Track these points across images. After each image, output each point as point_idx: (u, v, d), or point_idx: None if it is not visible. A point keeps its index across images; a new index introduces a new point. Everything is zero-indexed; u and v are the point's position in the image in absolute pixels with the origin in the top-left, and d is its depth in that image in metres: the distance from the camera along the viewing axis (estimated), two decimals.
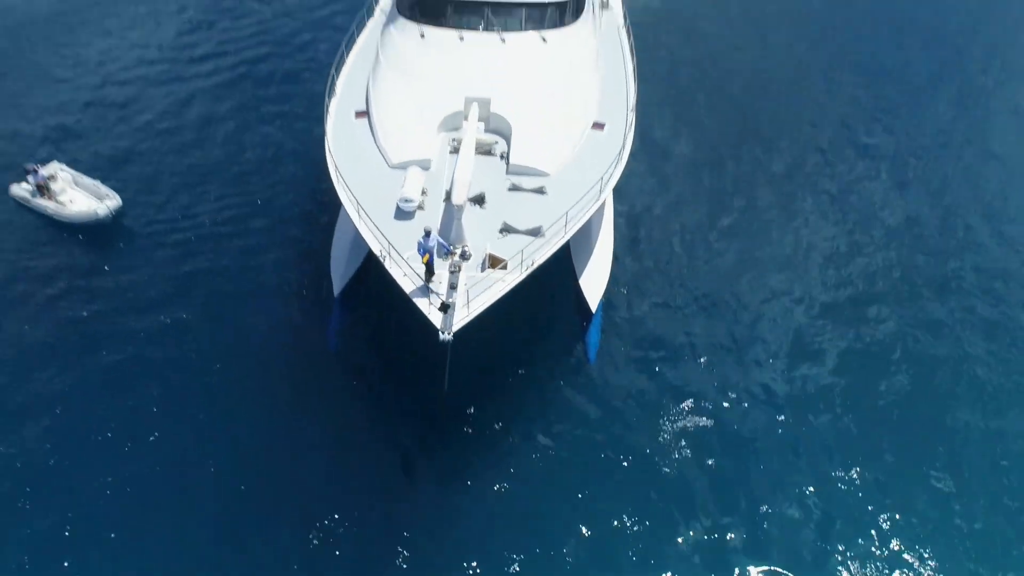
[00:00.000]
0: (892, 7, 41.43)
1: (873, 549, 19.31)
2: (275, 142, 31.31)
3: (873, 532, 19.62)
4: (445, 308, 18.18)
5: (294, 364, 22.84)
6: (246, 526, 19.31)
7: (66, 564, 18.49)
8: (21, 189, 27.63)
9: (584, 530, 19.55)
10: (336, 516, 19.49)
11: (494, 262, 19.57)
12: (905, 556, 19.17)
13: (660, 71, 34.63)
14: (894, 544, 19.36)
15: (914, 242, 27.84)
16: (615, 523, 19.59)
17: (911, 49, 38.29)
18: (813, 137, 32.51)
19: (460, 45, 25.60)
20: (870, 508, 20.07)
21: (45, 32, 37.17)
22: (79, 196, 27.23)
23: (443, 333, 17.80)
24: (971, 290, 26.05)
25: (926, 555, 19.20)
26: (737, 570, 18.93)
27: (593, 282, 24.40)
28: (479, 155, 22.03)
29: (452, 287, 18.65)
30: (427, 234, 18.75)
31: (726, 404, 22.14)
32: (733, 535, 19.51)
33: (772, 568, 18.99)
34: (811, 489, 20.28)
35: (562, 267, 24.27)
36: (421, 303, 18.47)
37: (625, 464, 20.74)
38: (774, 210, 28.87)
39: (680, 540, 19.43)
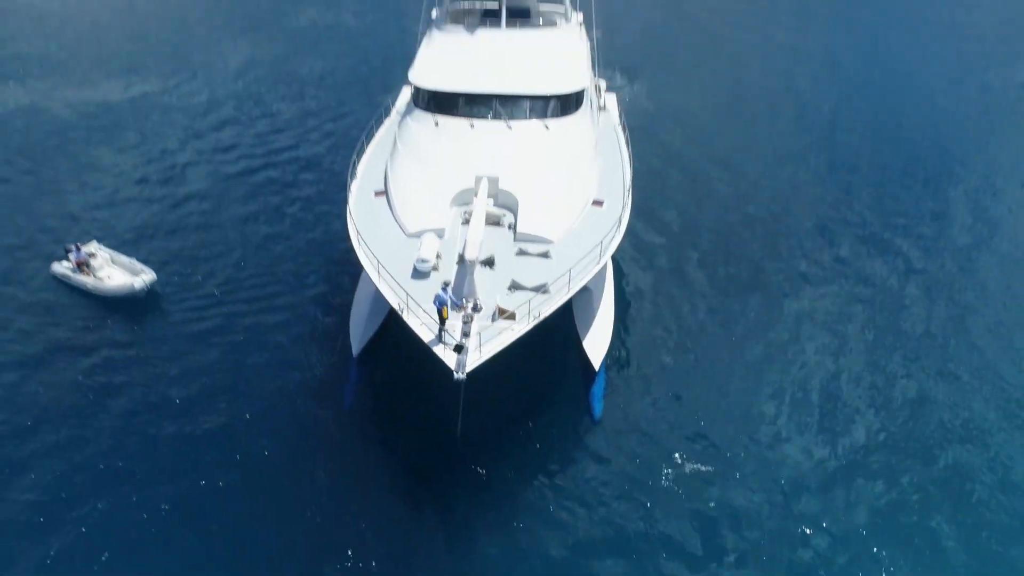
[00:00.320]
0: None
1: None
2: (298, 222, 33.94)
3: None
4: (459, 349, 19.65)
5: (312, 422, 24.02)
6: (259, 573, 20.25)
7: None
8: (62, 267, 29.64)
9: None
10: (349, 565, 20.21)
11: (503, 314, 21.14)
12: None
13: (656, 166, 37.21)
14: None
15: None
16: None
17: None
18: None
19: (470, 131, 27.96)
20: None
21: (84, 130, 40.36)
22: (116, 272, 29.20)
23: (457, 373, 19.17)
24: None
25: None
26: None
27: (596, 344, 25.86)
28: (489, 225, 23.93)
29: (465, 334, 20.21)
30: (445, 286, 20.50)
31: (725, 463, 23.11)
32: None
33: None
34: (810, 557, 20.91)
35: (567, 331, 25.91)
36: (437, 348, 19.99)
37: (628, 519, 21.46)
38: (766, 281, 30.67)
39: None
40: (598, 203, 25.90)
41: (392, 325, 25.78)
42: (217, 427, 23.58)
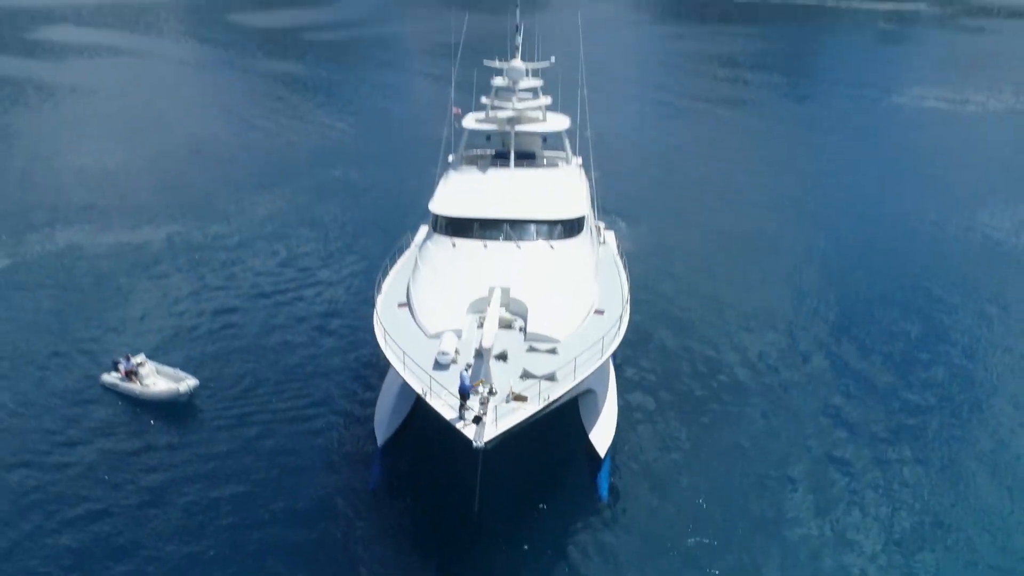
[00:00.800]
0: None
1: None
2: (325, 334, 37.53)
3: None
4: (477, 420, 22.26)
5: (341, 507, 26.32)
6: None
7: None
8: (111, 377, 32.54)
9: None
10: None
11: (517, 397, 23.92)
12: None
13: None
14: None
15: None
16: None
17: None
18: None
19: (484, 251, 31.58)
20: None
21: (125, 265, 44.27)
22: (161, 380, 32.08)
23: (476, 442, 21.76)
24: None
25: None
26: None
27: (601, 436, 28.41)
28: (502, 329, 27.09)
29: (483, 411, 22.88)
30: (467, 367, 23.40)
31: (725, 539, 25.31)
32: None
33: None
34: None
35: (575, 427, 28.54)
36: (458, 423, 22.63)
37: None
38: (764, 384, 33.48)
39: None
40: (599, 312, 29.07)
41: (414, 418, 28.67)
42: (256, 519, 25.90)
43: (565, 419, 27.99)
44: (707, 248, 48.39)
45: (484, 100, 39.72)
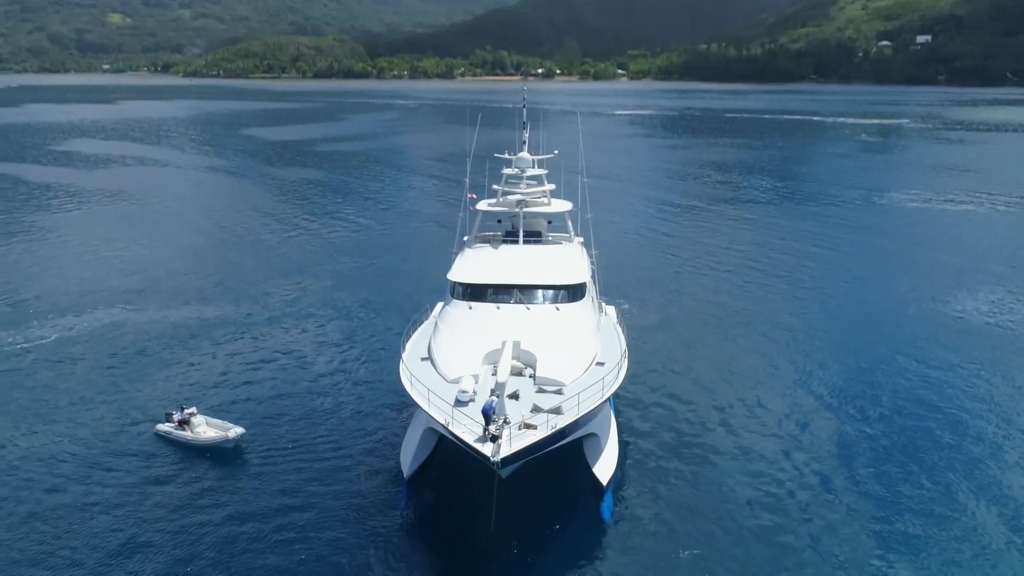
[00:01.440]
0: None
1: None
2: (354, 389, 41.81)
3: None
4: (494, 439, 26.23)
5: (370, 535, 29.72)
6: None
7: None
8: (165, 426, 36.36)
9: None
10: None
11: (528, 425, 27.88)
12: None
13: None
14: None
15: None
16: None
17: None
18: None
19: (497, 311, 35.94)
20: None
21: (165, 339, 48.38)
22: (210, 429, 35.89)
23: (493, 457, 25.69)
24: None
25: None
26: None
27: (604, 469, 32.00)
28: (513, 375, 31.22)
29: (499, 431, 26.83)
30: (492, 393, 27.56)
31: (718, 559, 28.82)
32: None
33: None
34: None
35: (580, 467, 32.23)
36: (478, 444, 26.58)
37: None
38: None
39: None
40: (600, 364, 33.16)
41: (436, 454, 32.51)
42: (297, 543, 28.75)
43: (571, 458, 31.84)
44: (700, 321, 52.73)
45: (495, 187, 44.95)
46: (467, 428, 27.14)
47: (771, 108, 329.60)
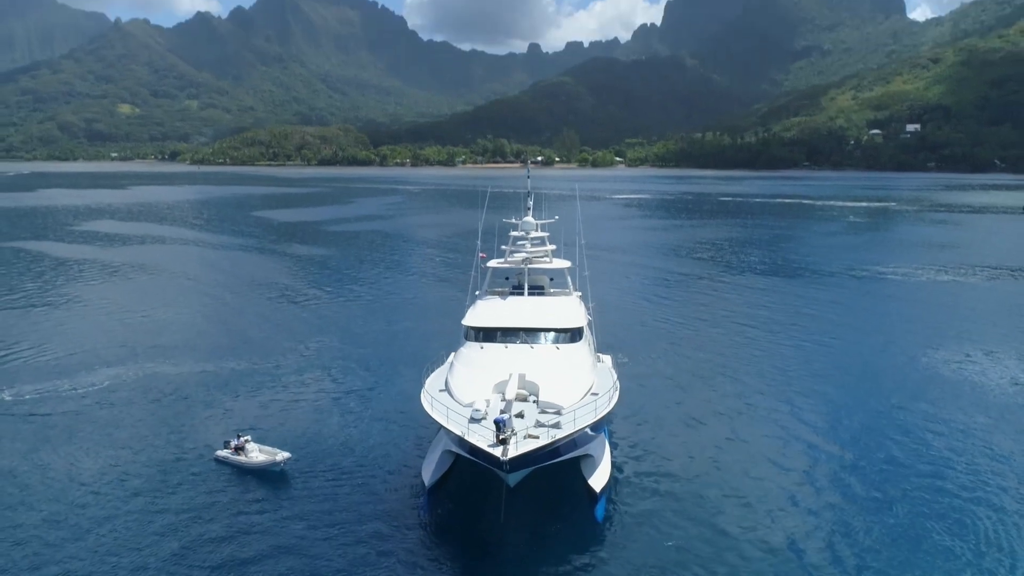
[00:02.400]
0: None
1: None
2: (380, 419, 47.40)
3: None
4: (503, 442, 31.51)
5: (396, 533, 34.66)
6: None
7: None
8: (223, 452, 41.47)
9: None
10: None
11: (531, 436, 33.10)
12: None
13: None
14: None
15: None
16: None
17: None
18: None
19: (505, 350, 41.59)
20: None
21: (201, 386, 53.57)
22: (261, 454, 40.96)
23: (502, 457, 30.87)
24: None
25: None
26: None
27: (599, 480, 37.03)
28: (518, 400, 36.62)
29: (508, 437, 32.07)
30: (501, 411, 32.91)
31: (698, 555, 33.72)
32: None
33: None
34: None
35: (578, 478, 37.25)
36: (489, 448, 31.77)
37: None
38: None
39: None
40: (595, 394, 38.57)
41: (452, 468, 37.60)
42: (334, 545, 33.58)
43: (569, 473, 37.04)
44: (689, 370, 58.13)
45: (503, 247, 51.12)
46: (480, 436, 32.45)
47: (763, 192, 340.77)
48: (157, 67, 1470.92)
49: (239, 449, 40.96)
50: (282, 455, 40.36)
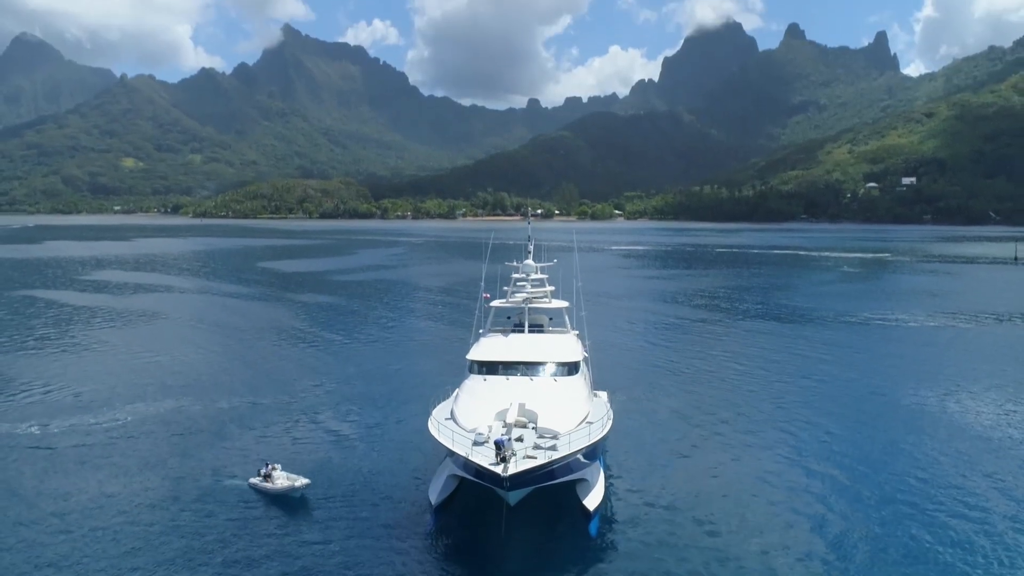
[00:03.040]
0: None
1: None
2: (390, 449, 50.31)
3: None
4: (504, 460, 34.67)
5: (406, 547, 37.62)
6: None
7: None
8: (255, 479, 44.53)
9: None
10: None
11: (529, 456, 36.31)
12: None
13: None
14: None
15: None
16: None
17: None
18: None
19: (507, 382, 44.93)
20: None
21: (230, 422, 56.60)
22: (285, 481, 44.01)
23: (503, 473, 33.99)
24: None
25: None
26: None
27: (592, 500, 39.97)
28: (518, 427, 39.82)
29: (509, 456, 35.21)
30: (502, 434, 36.10)
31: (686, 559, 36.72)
32: None
33: None
34: None
35: (573, 499, 40.26)
36: (491, 466, 34.88)
37: None
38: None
39: None
40: (590, 423, 41.76)
41: (457, 490, 40.54)
42: (349, 566, 36.25)
43: (566, 495, 40.09)
44: (681, 406, 61.28)
45: (505, 288, 54.76)
46: (483, 456, 35.64)
47: (760, 243, 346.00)
48: (161, 122, 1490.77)
49: (267, 476, 44.01)
50: (302, 481, 43.40)
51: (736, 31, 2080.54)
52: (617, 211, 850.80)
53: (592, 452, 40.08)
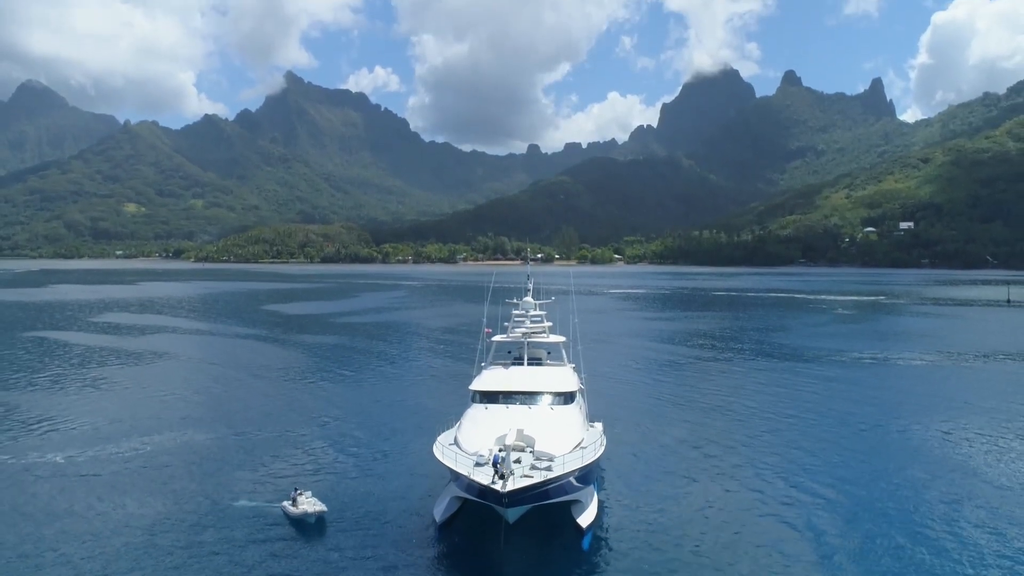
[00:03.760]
0: None
1: None
2: (400, 474, 53.38)
3: None
4: (503, 476, 37.61)
5: (413, 560, 40.44)
6: None
7: None
8: (286, 503, 47.22)
9: None
10: None
11: (526, 476, 39.26)
12: None
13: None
14: None
15: None
16: None
17: None
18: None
19: (507, 410, 48.02)
20: None
21: (249, 451, 59.51)
22: (306, 506, 46.76)
23: (502, 490, 36.92)
24: None
25: None
26: None
27: (585, 519, 42.81)
28: (516, 451, 42.78)
29: (506, 473, 38.15)
30: (499, 453, 39.08)
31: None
32: None
33: None
34: None
35: (568, 519, 43.07)
36: (489, 483, 37.79)
37: None
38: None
39: None
40: (584, 447, 44.71)
41: (459, 510, 43.32)
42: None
43: (560, 515, 42.95)
44: (677, 437, 64.10)
45: (505, 324, 58.04)
46: (483, 475, 38.61)
47: (757, 287, 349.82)
48: (164, 167, 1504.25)
49: (294, 501, 46.88)
50: (316, 507, 46.21)
51: (733, 78, 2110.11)
52: (617, 255, 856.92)
53: (586, 476, 42.95)
